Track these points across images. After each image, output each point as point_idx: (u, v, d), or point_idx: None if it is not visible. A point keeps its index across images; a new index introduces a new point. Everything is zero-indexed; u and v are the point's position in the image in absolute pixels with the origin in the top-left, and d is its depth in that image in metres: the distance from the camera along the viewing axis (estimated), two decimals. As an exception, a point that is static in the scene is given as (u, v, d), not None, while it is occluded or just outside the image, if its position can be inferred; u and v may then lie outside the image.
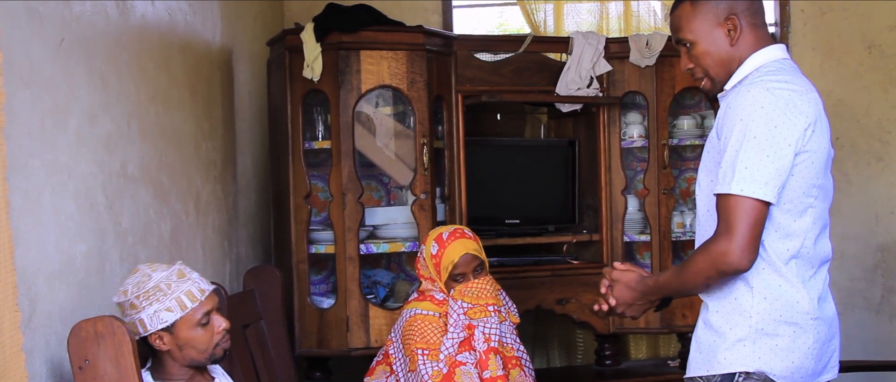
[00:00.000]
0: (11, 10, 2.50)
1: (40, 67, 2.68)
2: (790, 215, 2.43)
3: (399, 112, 4.43)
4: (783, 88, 2.40)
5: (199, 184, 3.93)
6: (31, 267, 2.59)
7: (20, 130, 2.54)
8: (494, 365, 3.48)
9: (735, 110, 2.39)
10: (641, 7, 5.39)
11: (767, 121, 2.34)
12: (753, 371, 2.44)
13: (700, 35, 2.55)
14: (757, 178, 2.33)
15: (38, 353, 2.62)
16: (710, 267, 2.41)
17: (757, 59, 2.51)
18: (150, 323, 2.63)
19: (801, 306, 2.45)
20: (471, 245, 3.65)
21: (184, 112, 3.79)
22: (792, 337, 2.44)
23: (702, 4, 2.54)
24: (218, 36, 4.26)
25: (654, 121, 4.69)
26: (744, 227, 2.33)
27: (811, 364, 2.47)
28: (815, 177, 2.44)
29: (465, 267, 3.62)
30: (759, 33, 2.54)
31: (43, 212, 2.66)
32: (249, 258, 4.58)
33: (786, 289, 2.45)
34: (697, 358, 2.56)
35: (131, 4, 3.33)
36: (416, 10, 5.32)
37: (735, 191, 2.34)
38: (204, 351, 2.71)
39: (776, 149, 2.34)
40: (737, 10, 2.52)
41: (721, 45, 2.54)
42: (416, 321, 3.60)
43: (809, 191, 2.44)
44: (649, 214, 4.71)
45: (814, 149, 2.42)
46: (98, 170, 3.01)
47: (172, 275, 2.68)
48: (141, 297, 2.63)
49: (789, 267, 2.45)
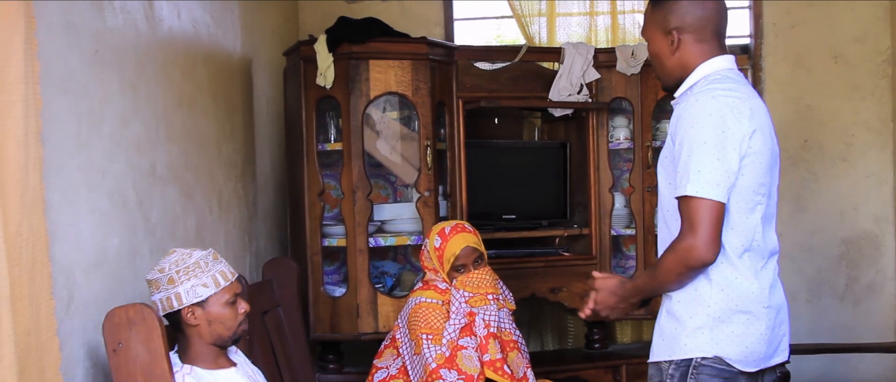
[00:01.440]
0: (50, 23, 2.50)
1: (76, 76, 2.67)
2: (742, 212, 2.44)
3: (404, 116, 4.43)
4: (728, 96, 2.42)
5: (222, 183, 3.92)
6: (69, 259, 2.59)
7: (58, 134, 2.54)
8: (494, 349, 3.48)
9: (686, 118, 2.43)
10: (627, 20, 5.38)
11: (715, 128, 2.37)
12: (711, 356, 2.46)
13: (650, 37, 2.64)
14: (709, 180, 2.36)
15: (76, 337, 2.62)
16: (680, 264, 2.43)
17: (705, 68, 2.54)
18: (185, 297, 2.64)
19: (753, 296, 2.47)
20: (471, 238, 3.65)
21: (207, 116, 3.79)
22: (745, 325, 2.46)
23: (655, 13, 2.61)
24: (238, 47, 4.26)
25: (639, 125, 4.68)
26: (705, 224, 2.36)
27: (763, 348, 2.48)
28: (761, 176, 2.45)
29: (466, 259, 3.62)
30: (705, 46, 2.56)
31: (79, 209, 2.66)
32: (268, 250, 4.58)
33: (740, 281, 2.46)
34: (660, 344, 2.57)
35: (159, 18, 3.33)
36: (421, 22, 5.31)
37: (691, 192, 2.37)
38: (229, 329, 2.71)
39: (724, 152, 2.37)
40: (682, 25, 2.55)
41: (664, 51, 2.60)
42: (420, 308, 3.60)
43: (758, 190, 2.46)
44: (634, 210, 4.70)
45: (758, 151, 2.43)
46: (129, 170, 3.01)
47: (209, 256, 2.71)
48: (180, 272, 2.64)
49: (743, 259, 2.47)
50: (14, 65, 2.08)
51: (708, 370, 2.46)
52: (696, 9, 2.55)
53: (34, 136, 2.17)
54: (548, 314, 5.27)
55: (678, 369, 2.49)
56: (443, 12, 5.42)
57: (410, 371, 3.55)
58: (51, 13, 2.51)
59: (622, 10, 5.38)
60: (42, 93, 2.25)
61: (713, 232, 2.37)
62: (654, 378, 2.58)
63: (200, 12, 3.75)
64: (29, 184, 2.14)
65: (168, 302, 2.65)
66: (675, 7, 2.56)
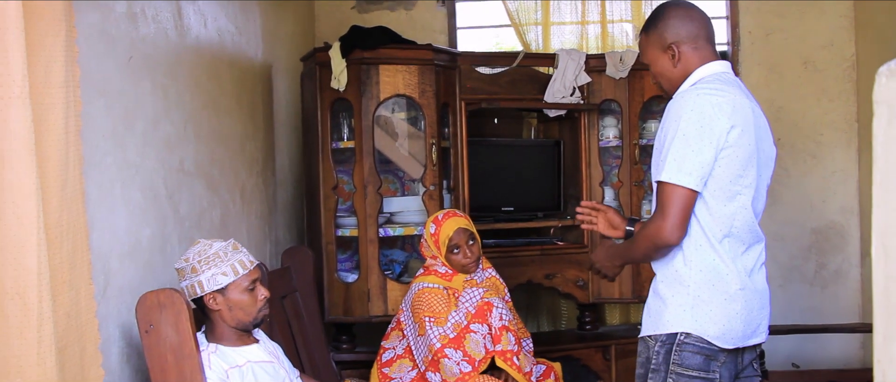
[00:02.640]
0: (88, 32, 2.50)
1: (112, 80, 2.67)
2: (720, 200, 2.44)
3: (412, 117, 4.42)
4: (712, 94, 2.43)
5: (244, 178, 3.92)
6: (106, 247, 2.59)
7: (96, 133, 2.54)
8: (507, 341, 3.48)
9: (672, 111, 2.46)
10: (616, 28, 5.38)
11: (695, 121, 2.39)
12: (692, 333, 2.46)
13: (652, 59, 2.65)
14: (683, 169, 2.37)
15: (112, 319, 2.62)
16: (648, 242, 2.48)
17: (701, 71, 2.56)
18: (207, 284, 2.64)
19: (729, 279, 2.47)
20: (462, 221, 3.69)
21: (231, 117, 3.79)
22: (723, 305, 2.46)
23: (651, 37, 2.63)
24: (260, 53, 4.25)
25: (627, 125, 4.68)
26: (673, 210, 2.39)
27: (741, 327, 2.48)
28: (739, 168, 2.44)
29: (459, 239, 3.65)
30: (702, 53, 2.58)
31: (115, 202, 2.67)
32: (286, 240, 4.58)
33: (718, 264, 2.46)
34: (647, 321, 2.58)
35: (188, 27, 3.33)
36: (426, 30, 5.31)
37: (665, 178, 2.39)
38: (249, 314, 2.71)
39: (701, 145, 2.38)
40: (678, 39, 2.58)
41: (667, 66, 2.61)
42: (423, 294, 3.60)
43: (736, 181, 2.45)
44: (623, 202, 4.70)
45: (735, 146, 2.42)
46: (160, 165, 3.01)
47: (228, 247, 2.71)
48: (202, 262, 2.64)
49: (723, 244, 2.47)
50: (56, 70, 2.09)
51: (690, 346, 2.46)
52: (686, 22, 2.58)
53: (74, 135, 2.17)
54: (543, 298, 5.27)
55: (663, 346, 2.50)
56: (447, 21, 5.42)
57: (415, 352, 3.55)
58: (90, 23, 2.51)
59: (611, 20, 5.40)
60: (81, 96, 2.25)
61: (680, 218, 2.40)
62: (643, 353, 2.58)
63: (225, 22, 3.75)
64: (69, 179, 2.14)
65: (192, 289, 2.66)
66: (667, 25, 2.59)
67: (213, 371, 2.62)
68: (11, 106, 1.91)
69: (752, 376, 2.63)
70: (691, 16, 2.60)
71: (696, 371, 2.46)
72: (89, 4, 2.51)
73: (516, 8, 5.39)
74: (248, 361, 2.72)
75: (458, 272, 3.69)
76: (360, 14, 5.29)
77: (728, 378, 2.52)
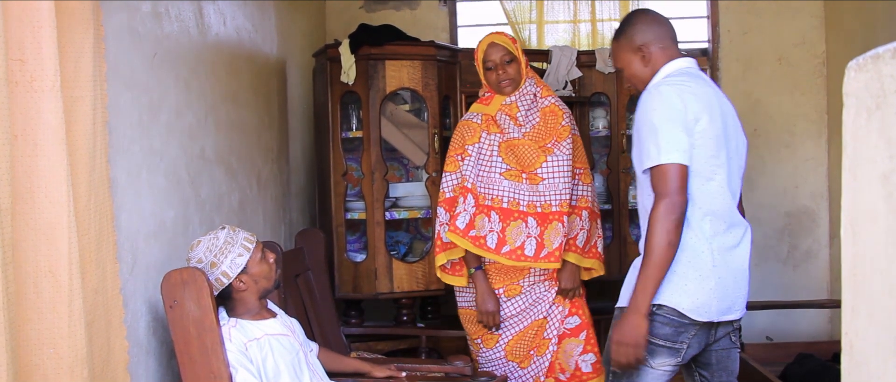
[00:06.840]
0: (116, 30, 2.49)
1: (138, 74, 2.66)
2: (700, 180, 2.43)
3: (415, 108, 4.41)
4: (678, 85, 2.45)
5: (260, 165, 3.92)
6: (133, 229, 2.59)
7: (123, 123, 2.54)
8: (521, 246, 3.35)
9: (644, 103, 2.46)
10: (605, 26, 5.38)
11: (668, 107, 2.39)
12: (665, 304, 2.44)
13: (625, 63, 2.65)
14: (671, 148, 2.36)
15: (139, 295, 2.62)
16: (664, 221, 2.35)
17: (668, 67, 2.58)
18: (231, 271, 2.61)
19: (704, 256, 2.44)
20: (497, 37, 3.34)
21: (248, 109, 3.78)
22: (697, 281, 2.43)
23: (622, 42, 2.64)
24: (275, 49, 4.24)
25: (615, 116, 4.67)
26: (674, 183, 2.36)
27: (714, 303, 2.46)
28: (713, 149, 2.43)
29: (493, 56, 3.33)
30: (668, 51, 2.60)
31: (141, 187, 2.66)
32: (299, 222, 4.57)
33: (694, 241, 2.43)
34: (625, 293, 2.55)
35: (208, 25, 3.31)
36: (429, 28, 5.29)
37: (653, 163, 2.38)
38: (270, 278, 2.70)
39: (675, 129, 2.38)
40: (646, 41, 2.59)
41: (639, 68, 2.62)
42: (459, 128, 3.45)
43: (709, 161, 2.43)
44: (611, 188, 4.69)
45: (702, 133, 2.41)
46: (183, 153, 3.00)
47: (229, 232, 2.67)
48: (217, 255, 2.61)
49: (702, 223, 2.44)
50: (84, 65, 2.08)
51: (662, 318, 2.44)
52: (652, 26, 2.61)
53: (101, 125, 2.17)
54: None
55: None
56: (448, 20, 5.40)
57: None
58: (117, 21, 2.50)
59: (601, 19, 5.40)
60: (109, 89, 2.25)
61: (679, 186, 2.36)
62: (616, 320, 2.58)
63: (243, 20, 3.74)
64: (96, 166, 2.14)
65: (219, 282, 2.61)
66: (635, 30, 2.61)
67: (232, 344, 2.61)
68: (44, 98, 1.91)
69: (730, 348, 2.63)
70: (657, 20, 2.63)
71: (663, 340, 2.45)
72: (117, 4, 2.50)
73: (513, 8, 5.39)
74: (265, 334, 2.71)
75: (495, 93, 3.40)
76: (367, 13, 5.28)
77: (697, 348, 2.51)
